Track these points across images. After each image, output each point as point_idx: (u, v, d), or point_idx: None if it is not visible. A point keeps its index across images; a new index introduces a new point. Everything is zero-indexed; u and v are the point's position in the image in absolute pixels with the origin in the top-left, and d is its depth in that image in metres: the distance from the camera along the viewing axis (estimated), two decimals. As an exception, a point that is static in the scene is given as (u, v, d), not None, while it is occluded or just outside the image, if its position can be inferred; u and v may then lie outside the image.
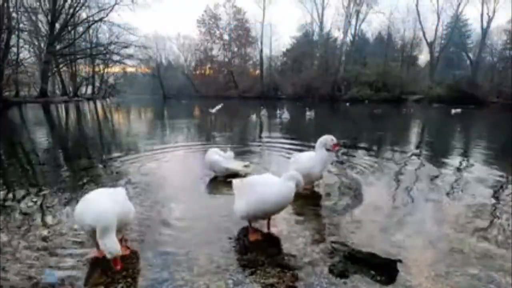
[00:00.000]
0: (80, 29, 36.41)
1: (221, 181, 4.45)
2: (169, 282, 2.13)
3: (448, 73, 39.77)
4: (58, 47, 32.82)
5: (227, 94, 46.31)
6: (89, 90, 44.66)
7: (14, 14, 26.09)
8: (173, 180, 4.54)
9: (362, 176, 4.73)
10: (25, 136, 9.33)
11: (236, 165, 4.72)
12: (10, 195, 3.83)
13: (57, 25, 31.31)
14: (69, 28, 34.05)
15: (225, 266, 2.32)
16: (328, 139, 3.78)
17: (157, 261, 2.38)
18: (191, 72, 57.42)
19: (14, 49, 27.99)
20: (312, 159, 3.82)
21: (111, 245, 2.02)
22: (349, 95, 35.94)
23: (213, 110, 15.34)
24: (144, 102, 37.63)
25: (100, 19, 33.91)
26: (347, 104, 29.19)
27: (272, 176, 2.79)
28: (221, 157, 4.56)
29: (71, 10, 31.81)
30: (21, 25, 27.46)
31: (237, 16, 51.19)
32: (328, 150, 3.84)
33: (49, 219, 3.13)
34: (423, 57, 44.81)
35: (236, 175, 4.43)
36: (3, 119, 14.68)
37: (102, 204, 2.20)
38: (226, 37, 52.45)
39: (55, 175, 4.79)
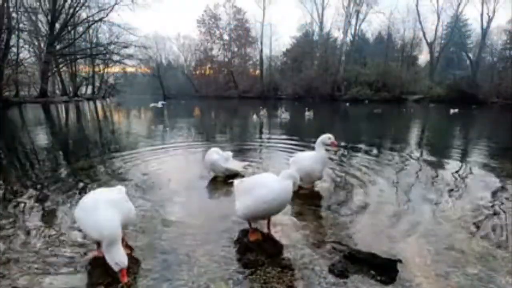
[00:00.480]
0: (80, 29, 36.45)
1: (221, 181, 4.45)
2: (169, 282, 2.13)
3: (448, 73, 39.83)
4: (58, 47, 32.83)
5: (227, 94, 46.34)
6: (89, 90, 44.65)
7: (14, 14, 26.12)
8: (173, 180, 4.54)
9: (362, 176, 4.73)
10: (25, 136, 9.33)
11: (236, 165, 4.72)
12: (10, 195, 3.83)
13: (57, 25, 31.33)
14: (69, 28, 34.05)
15: (225, 266, 2.32)
16: (325, 138, 3.80)
17: (157, 261, 2.38)
18: (191, 72, 57.41)
19: (14, 49, 28.01)
20: (312, 158, 3.82)
21: (118, 258, 1.97)
22: (349, 95, 35.98)
23: (153, 104, 16.63)
24: (144, 102, 37.60)
25: (100, 19, 33.93)
26: (347, 104, 29.20)
27: (272, 175, 2.79)
28: (221, 157, 4.55)
29: (71, 10, 31.83)
30: (21, 25, 27.48)
31: (237, 16, 51.19)
32: (327, 149, 3.86)
33: (49, 219, 3.13)
34: (423, 57, 44.88)
35: (236, 175, 4.44)
36: (3, 119, 14.67)
37: (104, 215, 2.10)
38: (226, 37, 52.47)
39: (55, 175, 4.79)
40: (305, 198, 3.73)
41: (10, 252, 2.48)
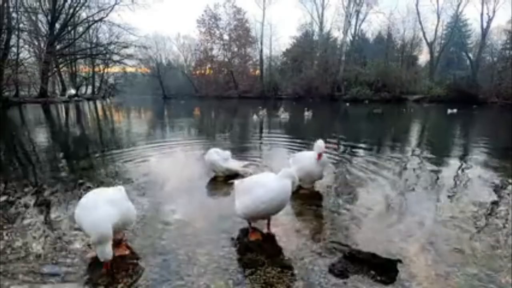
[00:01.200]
0: (80, 29, 36.38)
1: (221, 181, 4.45)
2: (169, 282, 2.13)
3: (448, 73, 39.74)
4: (58, 47, 32.79)
5: (227, 94, 46.28)
6: (89, 90, 44.61)
7: (14, 14, 26.07)
8: (173, 179, 4.54)
9: (362, 175, 4.73)
10: (25, 136, 9.33)
11: (237, 165, 4.72)
12: (10, 196, 3.83)
13: (57, 25, 31.28)
14: (69, 28, 33.99)
15: (225, 266, 2.32)
16: (317, 147, 3.67)
17: (157, 261, 2.38)
18: (191, 72, 57.35)
19: (14, 49, 27.94)
20: (312, 158, 3.81)
21: (104, 254, 2.08)
22: (349, 95, 35.93)
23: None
24: (144, 102, 37.62)
25: (100, 19, 33.84)
26: (347, 104, 29.21)
27: (271, 175, 2.79)
28: (221, 157, 4.55)
29: (71, 10, 31.76)
30: (21, 25, 27.42)
31: (237, 16, 51.07)
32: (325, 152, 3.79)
33: (49, 219, 3.13)
34: (423, 57, 44.79)
35: (236, 175, 4.44)
36: (3, 119, 14.67)
37: (98, 213, 2.14)
38: (226, 37, 52.30)
39: (55, 175, 4.79)
40: (305, 198, 3.73)
41: (11, 252, 2.47)
